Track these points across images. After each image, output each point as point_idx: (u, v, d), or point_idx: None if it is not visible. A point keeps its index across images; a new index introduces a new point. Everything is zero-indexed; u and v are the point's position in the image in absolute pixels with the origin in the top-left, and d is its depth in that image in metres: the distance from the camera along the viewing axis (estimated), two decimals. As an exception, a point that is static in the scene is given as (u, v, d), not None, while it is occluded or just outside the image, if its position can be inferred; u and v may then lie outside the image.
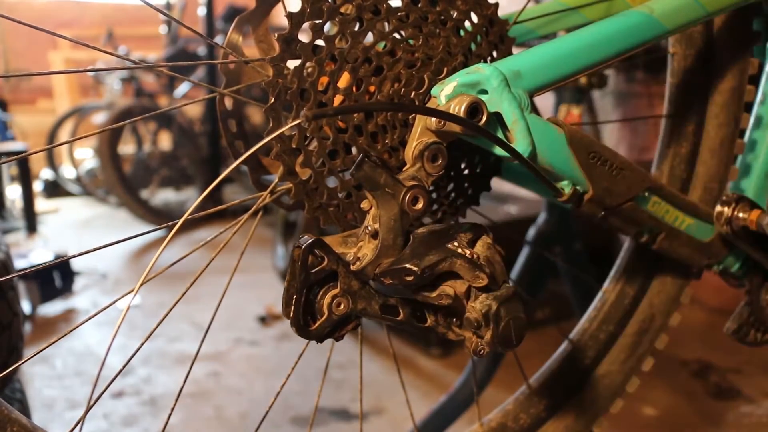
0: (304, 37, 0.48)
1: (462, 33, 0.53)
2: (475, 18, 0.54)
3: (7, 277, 0.61)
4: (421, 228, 0.48)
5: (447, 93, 0.48)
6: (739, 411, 1.43)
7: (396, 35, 0.50)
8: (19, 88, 5.83)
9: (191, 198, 4.15)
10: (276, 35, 0.47)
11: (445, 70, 0.52)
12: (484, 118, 0.47)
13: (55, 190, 4.67)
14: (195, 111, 4.23)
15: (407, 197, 0.46)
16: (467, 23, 0.54)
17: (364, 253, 0.47)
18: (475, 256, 0.46)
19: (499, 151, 0.49)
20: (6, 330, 0.96)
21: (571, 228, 1.42)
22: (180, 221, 0.46)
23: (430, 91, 0.51)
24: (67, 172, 4.80)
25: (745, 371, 1.60)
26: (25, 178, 3.38)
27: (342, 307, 0.46)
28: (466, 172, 0.59)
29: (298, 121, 0.46)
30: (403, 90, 0.51)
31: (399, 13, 0.50)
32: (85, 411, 0.48)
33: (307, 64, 0.47)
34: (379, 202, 0.46)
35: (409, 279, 0.44)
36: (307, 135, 0.49)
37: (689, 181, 0.78)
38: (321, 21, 0.47)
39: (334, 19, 0.48)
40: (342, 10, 0.48)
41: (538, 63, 0.51)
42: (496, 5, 0.55)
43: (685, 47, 0.75)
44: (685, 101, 0.76)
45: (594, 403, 0.79)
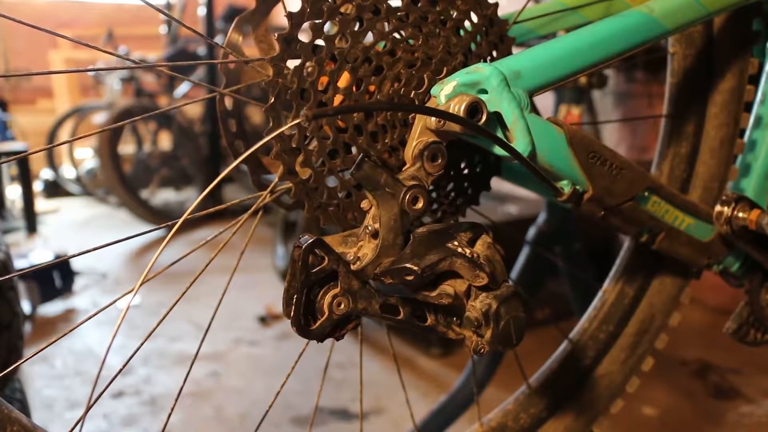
0: (304, 36, 0.48)
1: (462, 33, 0.53)
2: (474, 18, 0.54)
3: (7, 276, 0.61)
4: (421, 227, 0.48)
5: (447, 92, 0.48)
6: (739, 411, 1.43)
7: (396, 35, 0.50)
8: (19, 88, 5.83)
9: (191, 198, 4.15)
10: (276, 35, 0.47)
11: (444, 69, 0.52)
12: (484, 118, 0.47)
13: (55, 190, 4.67)
14: (195, 111, 4.23)
15: (407, 197, 0.46)
16: (467, 23, 0.54)
17: (365, 252, 0.47)
18: (475, 256, 0.46)
19: (498, 150, 0.49)
20: (6, 330, 0.97)
21: (571, 228, 1.42)
22: (180, 221, 0.46)
23: (429, 90, 0.51)
24: (67, 172, 4.80)
25: (745, 371, 1.60)
26: (25, 178, 3.38)
27: (342, 306, 0.46)
28: (466, 171, 0.59)
29: (297, 120, 0.46)
30: (402, 90, 0.51)
31: (399, 13, 0.50)
32: (85, 411, 0.48)
33: (307, 64, 0.47)
34: (379, 202, 0.46)
35: (409, 278, 0.44)
36: (307, 135, 0.49)
37: (689, 181, 0.78)
38: (321, 21, 0.47)
39: (334, 19, 0.48)
40: (342, 10, 0.48)
41: (537, 63, 0.51)
42: (496, 5, 0.55)
43: (685, 47, 0.75)
44: (685, 101, 0.76)
45: (594, 402, 0.79)
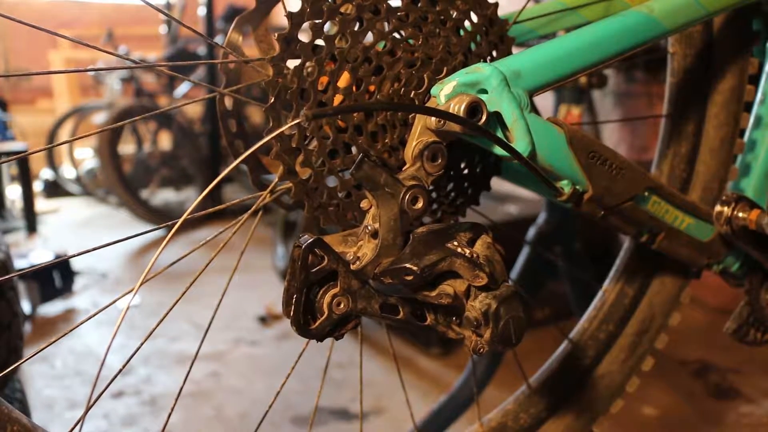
0: (304, 36, 0.48)
1: (462, 33, 0.53)
2: (474, 18, 0.54)
3: (7, 276, 0.61)
4: (420, 227, 0.48)
5: (447, 92, 0.48)
6: (739, 411, 1.43)
7: (396, 35, 0.50)
8: (19, 88, 5.83)
9: (191, 198, 4.15)
10: (276, 35, 0.47)
11: (444, 69, 0.52)
12: (484, 118, 0.47)
13: (55, 190, 4.67)
14: (195, 111, 4.23)
15: (407, 197, 0.46)
16: (467, 23, 0.54)
17: (364, 252, 0.47)
18: (474, 256, 0.46)
19: (498, 150, 0.49)
20: (6, 330, 0.96)
21: (571, 228, 1.42)
22: (179, 221, 0.46)
23: (429, 90, 0.51)
24: (67, 172, 4.80)
25: (745, 371, 1.60)
26: (25, 178, 3.38)
27: (342, 306, 0.46)
28: (466, 171, 0.59)
29: (297, 120, 0.46)
30: (402, 90, 0.51)
31: (399, 13, 0.50)
32: (85, 411, 0.48)
33: (307, 64, 0.47)
34: (379, 202, 0.46)
35: (408, 278, 0.44)
36: (307, 134, 0.49)
37: (689, 181, 0.78)
38: (321, 21, 0.47)
39: (334, 19, 0.48)
40: (342, 10, 0.48)
41: (537, 62, 0.51)
42: (496, 5, 0.55)
43: (685, 47, 0.75)
44: (685, 101, 0.76)
45: (594, 402, 0.79)
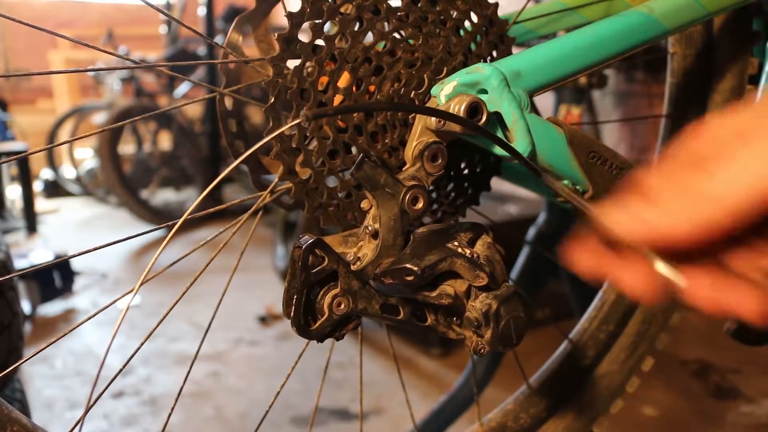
0: (304, 36, 0.48)
1: (462, 33, 0.53)
2: (474, 18, 0.54)
3: (8, 276, 0.61)
4: (421, 228, 0.48)
5: (447, 93, 0.48)
6: (739, 411, 1.43)
7: (396, 35, 0.50)
8: (19, 88, 5.83)
9: (191, 198, 4.15)
10: (276, 35, 0.47)
11: (444, 69, 0.52)
12: (484, 118, 0.47)
13: (55, 190, 4.67)
14: (195, 111, 4.23)
15: (407, 197, 0.46)
16: (467, 23, 0.54)
17: (365, 252, 0.47)
18: (475, 256, 0.46)
19: (498, 150, 0.49)
20: (6, 330, 0.96)
21: (571, 228, 1.42)
22: (180, 221, 0.46)
23: (429, 90, 0.51)
24: (67, 172, 4.80)
25: (745, 371, 1.60)
26: (25, 178, 3.38)
27: (342, 306, 0.46)
28: (466, 171, 0.59)
29: (297, 120, 0.46)
30: (402, 90, 0.51)
31: (399, 13, 0.50)
32: (85, 411, 0.48)
33: (307, 64, 0.47)
34: (379, 202, 0.46)
35: (409, 279, 0.44)
36: (307, 134, 0.49)
37: (689, 181, 0.78)
38: (321, 21, 0.47)
39: (334, 19, 0.48)
40: (342, 10, 0.48)
41: (537, 63, 0.51)
42: (496, 5, 0.55)
43: (685, 47, 0.75)
44: (685, 101, 0.76)
45: (594, 402, 0.79)
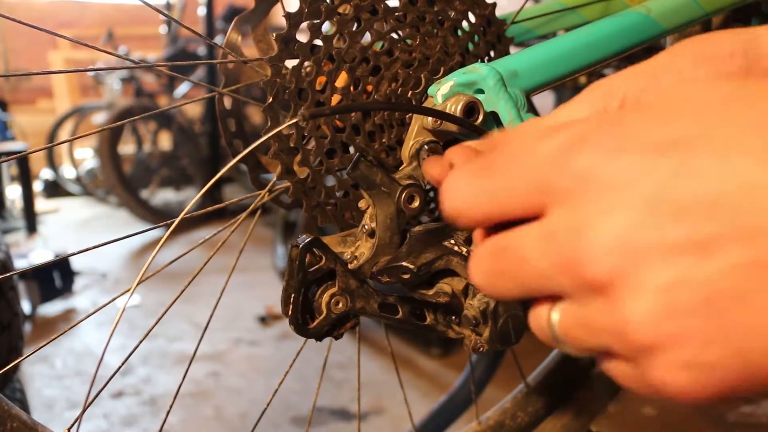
0: (302, 36, 0.48)
1: (459, 33, 0.53)
2: (472, 18, 0.54)
3: (7, 274, 0.61)
4: (417, 226, 0.48)
5: (444, 92, 0.49)
6: (739, 411, 1.43)
7: (393, 35, 0.50)
8: (19, 88, 5.84)
9: (191, 198, 4.14)
10: (274, 35, 0.47)
11: (442, 69, 0.52)
12: (481, 118, 0.47)
13: (55, 190, 4.68)
14: (195, 111, 4.23)
15: (403, 196, 0.46)
16: (465, 23, 0.54)
17: (362, 251, 0.47)
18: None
19: (496, 150, 0.49)
20: (6, 330, 0.97)
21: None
22: (177, 219, 0.46)
23: (426, 90, 0.51)
24: (67, 172, 4.80)
25: (744, 371, 1.60)
26: (25, 178, 3.38)
27: (340, 305, 0.46)
28: (464, 171, 0.59)
29: (295, 119, 0.46)
30: (400, 89, 0.51)
31: (396, 13, 0.50)
32: (83, 410, 0.48)
33: (305, 64, 0.48)
34: (376, 201, 0.46)
35: (405, 276, 0.44)
36: (305, 134, 0.49)
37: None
38: (319, 21, 0.47)
39: (332, 19, 0.48)
40: (340, 10, 0.48)
41: (535, 62, 0.51)
42: (494, 5, 0.55)
43: (683, 47, 0.75)
44: (683, 101, 0.77)
45: (592, 401, 0.79)
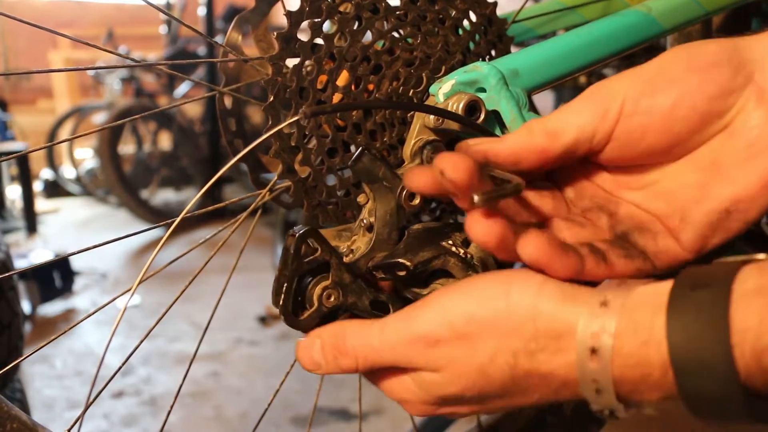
0: (303, 35, 0.48)
1: (460, 32, 0.53)
2: (473, 17, 0.54)
3: (7, 274, 0.61)
4: (416, 224, 0.48)
5: (445, 91, 0.49)
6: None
7: (394, 34, 0.50)
8: (19, 88, 5.84)
9: (191, 198, 4.14)
10: (275, 34, 0.47)
11: (443, 68, 0.52)
12: (482, 116, 0.47)
13: (55, 190, 4.68)
14: (195, 111, 4.23)
15: (404, 192, 0.46)
16: (466, 22, 0.54)
17: (358, 246, 0.47)
18: (468, 256, 0.46)
19: (497, 149, 0.49)
20: (6, 330, 0.97)
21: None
22: (177, 219, 0.46)
23: (428, 89, 0.51)
24: (67, 172, 4.80)
25: (745, 371, 1.60)
26: (25, 178, 3.38)
27: (332, 299, 0.45)
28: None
29: (296, 117, 0.46)
30: (401, 88, 0.51)
31: (398, 12, 0.50)
32: (83, 410, 0.48)
33: (306, 63, 0.48)
34: (376, 196, 0.46)
35: (401, 274, 0.44)
36: (306, 133, 0.49)
37: (687, 180, 0.78)
38: (320, 20, 0.47)
39: (333, 18, 0.48)
40: (341, 9, 0.48)
41: (536, 61, 0.51)
42: (495, 4, 0.55)
43: (684, 46, 0.75)
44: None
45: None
